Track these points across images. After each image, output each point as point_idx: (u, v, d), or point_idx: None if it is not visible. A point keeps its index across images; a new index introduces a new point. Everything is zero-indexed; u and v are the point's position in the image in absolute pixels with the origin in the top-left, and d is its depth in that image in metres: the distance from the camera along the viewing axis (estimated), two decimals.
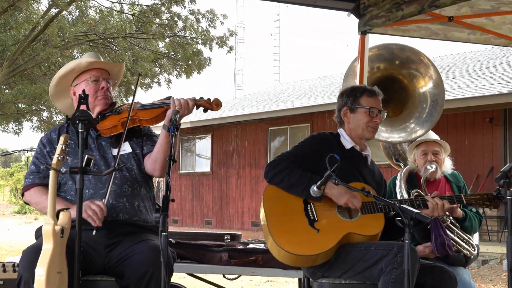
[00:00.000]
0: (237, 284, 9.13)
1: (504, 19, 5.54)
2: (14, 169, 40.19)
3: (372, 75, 5.35)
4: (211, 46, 16.11)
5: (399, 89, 5.42)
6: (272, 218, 3.68)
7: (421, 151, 4.78)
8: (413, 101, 5.39)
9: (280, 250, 3.59)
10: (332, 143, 3.90)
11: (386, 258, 3.48)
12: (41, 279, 3.10)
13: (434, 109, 5.33)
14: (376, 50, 5.43)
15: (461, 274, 4.41)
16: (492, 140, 14.23)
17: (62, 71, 3.87)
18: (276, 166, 3.75)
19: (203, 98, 3.67)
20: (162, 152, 3.63)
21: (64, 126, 3.86)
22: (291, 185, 3.69)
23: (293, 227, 3.64)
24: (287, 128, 19.04)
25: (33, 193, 3.73)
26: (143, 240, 3.52)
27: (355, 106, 3.92)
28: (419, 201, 3.82)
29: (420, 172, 4.75)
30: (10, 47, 14.74)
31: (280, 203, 3.73)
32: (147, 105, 3.77)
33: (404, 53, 5.41)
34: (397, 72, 5.40)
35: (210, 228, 20.82)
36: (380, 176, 4.07)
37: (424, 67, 5.41)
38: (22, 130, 19.58)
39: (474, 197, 3.93)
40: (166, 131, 3.55)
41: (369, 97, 3.90)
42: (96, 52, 4.08)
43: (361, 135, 3.92)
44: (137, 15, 15.50)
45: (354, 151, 3.93)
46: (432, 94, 5.37)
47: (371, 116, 3.87)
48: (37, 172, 3.75)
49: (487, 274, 11.10)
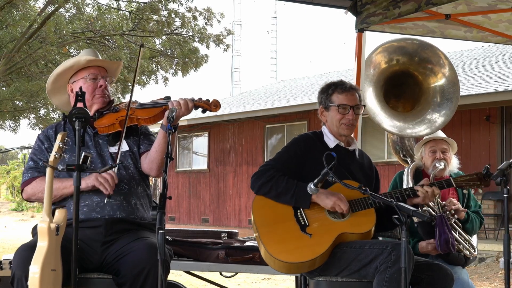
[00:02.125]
0: (234, 282, 9.13)
1: (501, 17, 5.54)
2: (11, 167, 40.10)
3: (389, 67, 5.34)
4: (208, 44, 16.09)
5: (413, 85, 5.41)
6: (263, 228, 3.67)
7: (430, 148, 4.75)
8: (427, 98, 5.39)
9: (275, 260, 3.58)
10: (315, 144, 3.88)
11: (380, 256, 3.47)
12: (35, 277, 3.09)
13: (448, 107, 5.34)
14: (398, 42, 5.41)
15: (460, 274, 4.41)
16: (489, 138, 14.25)
17: (60, 68, 3.85)
18: (262, 176, 3.74)
19: (202, 98, 3.67)
20: (160, 152, 3.61)
21: (61, 124, 3.85)
22: (279, 194, 3.69)
23: (285, 235, 3.63)
24: (284, 126, 19.04)
25: (35, 184, 3.68)
26: (139, 238, 3.52)
27: (328, 104, 3.91)
28: (409, 191, 3.78)
29: (427, 170, 4.73)
30: (7, 44, 14.70)
31: (269, 212, 3.71)
32: (145, 104, 3.75)
33: (425, 51, 5.38)
34: (414, 68, 5.39)
35: (207, 225, 20.82)
36: (370, 166, 4.03)
37: (440, 67, 5.39)
38: (19, 128, 19.56)
39: (464, 178, 3.87)
40: (164, 131, 3.55)
41: (340, 94, 3.86)
42: (94, 49, 4.07)
43: (337, 133, 3.90)
44: (134, 12, 15.47)
45: (339, 148, 3.90)
46: (447, 93, 5.37)
47: (342, 114, 3.85)
48: (35, 167, 3.73)
49: (484, 272, 11.12)
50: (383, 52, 5.35)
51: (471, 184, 3.86)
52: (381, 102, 5.27)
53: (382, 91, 5.33)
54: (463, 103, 13.71)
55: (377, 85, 5.25)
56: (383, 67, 5.35)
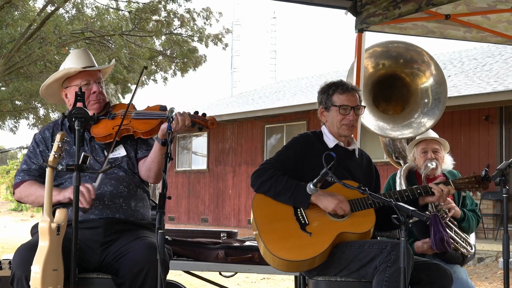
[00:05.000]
0: (234, 282, 9.13)
1: (500, 17, 5.54)
2: (11, 167, 40.09)
3: (376, 72, 5.38)
4: (207, 44, 16.10)
5: (401, 87, 5.45)
6: (263, 226, 3.67)
7: (421, 149, 4.77)
8: (415, 98, 5.42)
9: (274, 258, 3.58)
10: (315, 143, 3.88)
11: (379, 256, 3.48)
12: (36, 277, 3.10)
13: (437, 107, 5.36)
14: (383, 47, 5.44)
15: (458, 272, 4.41)
16: (488, 138, 14.26)
17: (51, 79, 3.82)
18: (262, 175, 3.74)
19: (198, 113, 3.65)
20: (156, 163, 3.63)
21: (58, 123, 3.85)
22: (278, 193, 3.69)
23: (285, 233, 3.63)
24: (283, 125, 19.04)
25: (23, 187, 3.69)
26: (139, 238, 3.52)
27: (328, 105, 3.90)
28: (420, 190, 3.77)
29: (420, 170, 4.75)
30: (6, 45, 14.71)
31: (269, 210, 3.72)
32: (142, 114, 3.72)
33: (408, 53, 5.43)
34: (400, 71, 5.43)
35: (206, 225, 20.82)
36: (369, 165, 4.03)
37: (426, 66, 5.43)
38: (19, 128, 19.56)
39: (462, 181, 3.86)
40: (160, 144, 3.56)
41: (341, 94, 3.86)
42: (85, 49, 4.02)
43: (337, 133, 3.90)
44: (133, 12, 15.47)
45: (339, 148, 3.90)
46: (434, 92, 5.40)
47: (343, 114, 3.85)
48: (27, 170, 3.73)
49: (483, 272, 11.12)
50: (369, 57, 5.40)
51: (470, 187, 3.86)
52: (369, 106, 5.31)
53: (370, 95, 5.38)
54: (462, 103, 13.74)
55: (365, 89, 5.29)
56: (370, 71, 5.40)
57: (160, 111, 3.67)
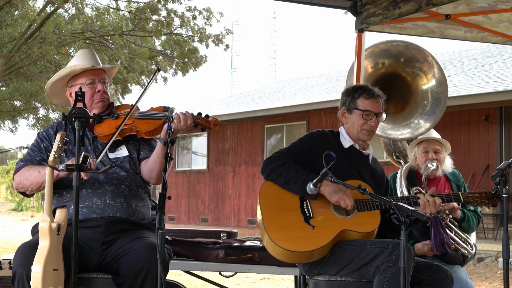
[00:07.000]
0: (233, 281, 9.14)
1: (501, 17, 5.54)
2: (11, 167, 40.07)
3: (376, 71, 5.37)
4: (207, 44, 16.09)
5: (402, 86, 5.43)
6: (267, 214, 3.68)
7: (422, 149, 4.77)
8: (416, 98, 5.40)
9: (275, 246, 3.59)
10: (330, 141, 3.89)
11: (381, 256, 3.48)
12: (37, 276, 3.10)
13: (437, 107, 5.35)
14: (382, 46, 5.43)
15: (459, 273, 4.42)
16: (488, 138, 14.26)
17: (56, 76, 3.83)
18: (274, 162, 3.74)
19: (201, 114, 3.66)
20: (158, 164, 3.63)
21: (62, 124, 3.85)
22: (288, 181, 3.69)
23: (289, 223, 3.64)
24: (283, 125, 19.04)
25: (23, 171, 3.66)
26: (139, 237, 3.52)
27: (352, 107, 3.90)
28: (416, 199, 3.81)
29: (420, 170, 4.75)
30: (6, 45, 14.70)
31: (276, 199, 3.73)
32: (145, 114, 3.73)
33: (409, 51, 5.40)
34: (401, 70, 5.40)
35: (206, 225, 20.83)
36: (382, 174, 4.05)
37: (428, 65, 5.41)
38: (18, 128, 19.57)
39: (472, 195, 3.91)
40: (162, 144, 3.56)
41: (366, 99, 3.86)
42: (91, 49, 4.04)
43: (356, 137, 3.91)
44: (133, 12, 15.46)
45: (353, 150, 3.92)
46: (435, 92, 5.38)
47: (365, 119, 3.86)
48: (29, 160, 3.71)
49: (483, 271, 11.12)
50: (368, 57, 5.38)
51: (479, 202, 3.90)
52: None
53: None
54: (462, 103, 13.73)
55: None
56: (370, 71, 5.38)
57: (164, 112, 3.68)
